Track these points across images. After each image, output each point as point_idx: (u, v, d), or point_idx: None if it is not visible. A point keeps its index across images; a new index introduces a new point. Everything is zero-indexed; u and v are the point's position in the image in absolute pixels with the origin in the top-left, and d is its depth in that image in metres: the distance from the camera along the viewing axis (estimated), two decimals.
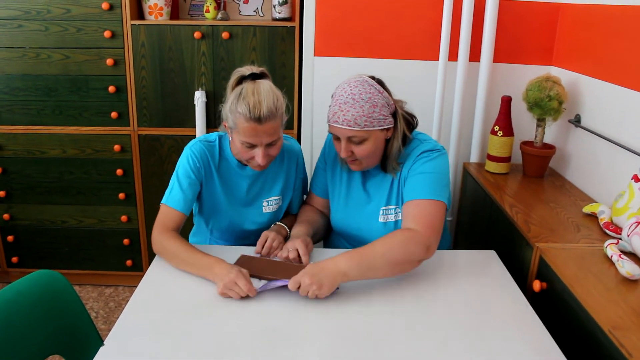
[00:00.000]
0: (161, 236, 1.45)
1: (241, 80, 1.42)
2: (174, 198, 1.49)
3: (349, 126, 1.39)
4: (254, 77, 1.42)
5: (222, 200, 1.58)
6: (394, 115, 1.46)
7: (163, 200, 1.50)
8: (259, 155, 1.42)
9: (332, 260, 1.30)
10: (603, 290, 1.22)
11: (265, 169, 1.52)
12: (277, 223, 1.62)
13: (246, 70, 1.43)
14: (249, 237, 1.63)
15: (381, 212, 1.54)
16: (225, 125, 1.48)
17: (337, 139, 1.46)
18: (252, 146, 1.42)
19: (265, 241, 1.50)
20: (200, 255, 1.38)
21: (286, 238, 1.58)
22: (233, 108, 1.39)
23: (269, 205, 1.62)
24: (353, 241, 1.60)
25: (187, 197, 1.50)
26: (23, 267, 2.61)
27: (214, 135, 1.59)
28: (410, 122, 1.52)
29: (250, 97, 1.36)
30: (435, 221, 1.39)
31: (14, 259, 2.60)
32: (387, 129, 1.45)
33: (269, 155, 1.44)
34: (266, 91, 1.38)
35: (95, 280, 2.71)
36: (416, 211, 1.41)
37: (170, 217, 1.48)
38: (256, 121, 1.36)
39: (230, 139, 1.51)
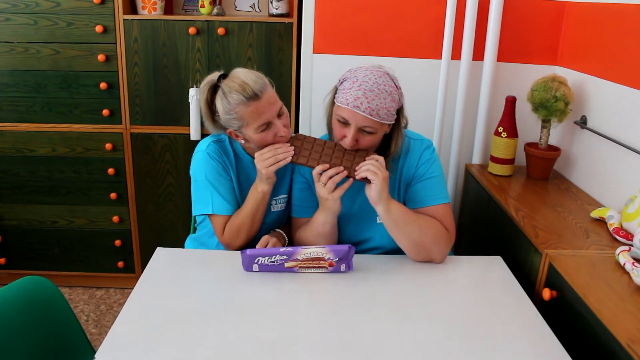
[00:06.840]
0: (225, 236, 1.49)
1: (214, 88, 1.43)
2: (218, 204, 1.48)
3: (371, 115, 1.33)
4: (221, 77, 1.44)
5: (237, 197, 1.54)
6: (398, 112, 1.43)
7: (207, 211, 1.49)
8: (279, 128, 1.42)
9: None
10: (617, 299, 1.18)
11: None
12: (277, 230, 1.58)
13: (212, 75, 1.45)
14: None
15: None
16: (232, 134, 1.48)
17: (345, 124, 1.38)
18: (268, 126, 1.41)
19: (266, 245, 1.46)
20: (247, 199, 1.48)
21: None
22: (227, 108, 1.40)
23: (277, 203, 1.58)
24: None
25: (231, 198, 1.50)
26: (11, 269, 2.51)
27: (222, 135, 1.56)
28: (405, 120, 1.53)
29: (233, 85, 1.39)
30: (453, 223, 1.48)
31: (2, 261, 2.50)
32: (389, 125, 1.42)
33: (285, 127, 1.45)
34: (241, 72, 1.42)
35: (86, 282, 2.64)
36: (439, 217, 1.45)
37: (225, 222, 1.50)
38: (254, 99, 1.37)
39: (243, 142, 1.50)
